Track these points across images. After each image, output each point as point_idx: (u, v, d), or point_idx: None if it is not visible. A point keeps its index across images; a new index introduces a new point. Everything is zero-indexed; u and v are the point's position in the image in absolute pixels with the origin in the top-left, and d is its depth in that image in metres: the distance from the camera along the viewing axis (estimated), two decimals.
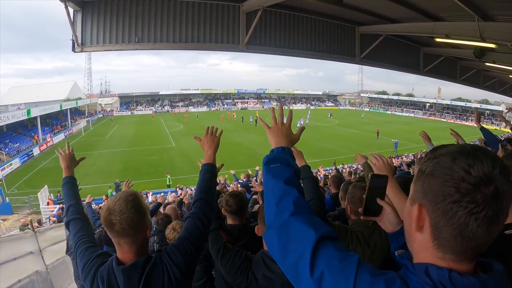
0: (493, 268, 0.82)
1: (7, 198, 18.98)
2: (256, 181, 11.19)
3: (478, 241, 0.78)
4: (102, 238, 4.12)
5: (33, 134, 37.02)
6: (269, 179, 1.18)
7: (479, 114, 4.43)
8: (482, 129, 4.78)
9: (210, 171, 2.07)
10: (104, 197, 16.32)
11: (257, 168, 14.74)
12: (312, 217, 1.03)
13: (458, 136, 4.87)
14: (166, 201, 11.50)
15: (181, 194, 14.19)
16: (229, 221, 2.92)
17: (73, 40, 8.18)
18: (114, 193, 17.60)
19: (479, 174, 0.74)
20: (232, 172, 14.35)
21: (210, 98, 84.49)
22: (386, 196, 1.30)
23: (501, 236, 1.40)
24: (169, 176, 21.08)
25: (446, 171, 0.77)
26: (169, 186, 20.13)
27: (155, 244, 3.99)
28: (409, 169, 9.80)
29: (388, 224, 1.31)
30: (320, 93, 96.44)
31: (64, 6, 7.29)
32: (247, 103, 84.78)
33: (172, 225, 3.38)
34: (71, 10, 7.94)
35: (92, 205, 11.95)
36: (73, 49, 8.30)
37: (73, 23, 8.10)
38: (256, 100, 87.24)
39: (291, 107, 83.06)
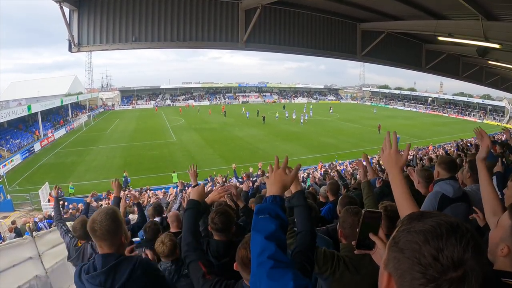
0: None
1: (8, 195, 19.01)
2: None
3: None
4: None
5: (34, 129, 37.03)
6: (254, 231, 1.29)
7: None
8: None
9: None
10: (104, 194, 16.33)
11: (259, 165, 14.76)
12: (287, 271, 1.12)
13: (481, 136, 4.63)
14: (168, 199, 11.49)
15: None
16: (215, 237, 2.92)
17: (69, 40, 8.06)
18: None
19: (447, 262, 0.74)
20: (233, 166, 14.32)
21: (211, 92, 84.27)
22: (380, 229, 1.33)
23: (499, 284, 1.38)
24: (176, 174, 21.00)
25: (415, 254, 0.77)
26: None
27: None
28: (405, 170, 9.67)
29: (380, 259, 1.28)
30: (322, 86, 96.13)
31: (59, 6, 7.14)
32: (248, 96, 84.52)
33: (161, 238, 3.28)
34: (67, 10, 7.81)
35: (93, 203, 11.96)
36: (70, 49, 8.18)
37: (69, 23, 7.97)
38: (257, 94, 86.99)
39: (292, 101, 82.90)
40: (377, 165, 14.39)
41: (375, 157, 21.72)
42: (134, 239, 4.40)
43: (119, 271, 2.07)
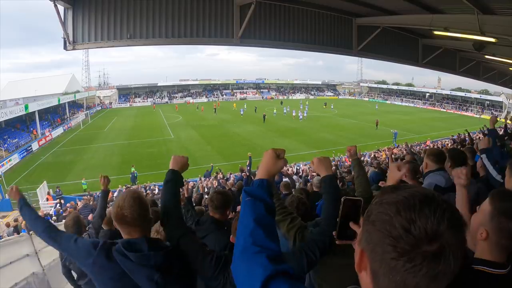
0: None
1: (6, 194, 18.96)
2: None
3: None
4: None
5: (31, 129, 36.92)
6: (241, 214, 1.24)
7: (495, 120, 4.28)
8: (491, 131, 4.42)
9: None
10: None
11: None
12: (271, 255, 1.05)
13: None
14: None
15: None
16: (211, 213, 3.10)
17: (64, 38, 8.03)
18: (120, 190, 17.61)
19: (420, 233, 0.69)
20: (249, 154, 14.52)
21: (209, 89, 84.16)
22: (361, 218, 1.24)
23: (469, 270, 1.42)
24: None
25: (386, 226, 0.73)
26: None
27: None
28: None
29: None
30: (319, 82, 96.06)
31: (53, 4, 7.11)
32: (246, 93, 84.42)
33: (155, 227, 3.28)
34: (61, 8, 7.77)
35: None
36: (65, 47, 8.17)
37: (63, 21, 7.94)
38: (255, 90, 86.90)
39: (290, 97, 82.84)
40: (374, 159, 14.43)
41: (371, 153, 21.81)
42: None
43: (174, 261, 1.91)
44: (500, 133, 9.10)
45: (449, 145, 17.87)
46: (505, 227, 1.38)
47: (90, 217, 5.42)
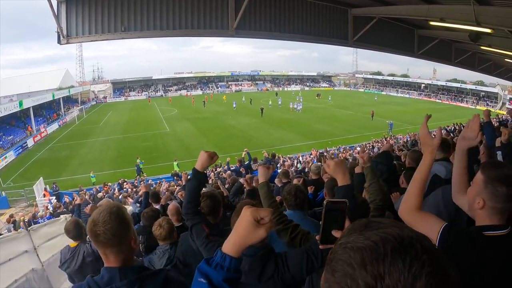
0: None
1: (3, 192, 18.91)
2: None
3: None
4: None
5: (26, 125, 36.61)
6: None
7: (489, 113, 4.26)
8: (487, 125, 4.25)
9: None
10: (98, 187, 16.29)
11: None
12: None
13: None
14: (164, 191, 11.49)
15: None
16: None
17: (58, 32, 7.94)
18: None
19: None
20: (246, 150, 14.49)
21: (204, 81, 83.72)
22: (347, 221, 1.13)
23: (481, 238, 1.48)
24: (176, 162, 20.93)
25: (347, 281, 0.59)
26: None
27: (140, 245, 3.81)
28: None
29: None
30: (315, 74, 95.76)
31: None
32: (241, 85, 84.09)
33: (159, 221, 3.32)
34: (54, 2, 7.68)
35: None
36: (59, 41, 8.08)
37: (57, 15, 7.85)
38: (250, 82, 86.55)
39: (285, 88, 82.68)
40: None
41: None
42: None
43: None
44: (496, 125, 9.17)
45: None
46: (498, 191, 1.48)
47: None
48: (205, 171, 2.38)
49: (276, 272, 1.82)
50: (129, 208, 8.73)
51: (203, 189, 2.54)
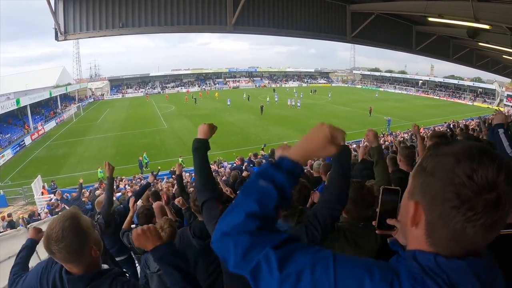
0: (482, 252, 0.80)
1: (1, 190, 18.81)
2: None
3: (473, 245, 0.77)
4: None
5: (23, 123, 36.43)
6: (254, 190, 0.99)
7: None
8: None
9: None
10: (97, 184, 16.25)
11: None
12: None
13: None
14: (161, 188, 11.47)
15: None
16: (200, 218, 2.96)
17: (55, 29, 7.90)
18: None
19: (482, 181, 0.71)
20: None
21: (201, 78, 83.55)
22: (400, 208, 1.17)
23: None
24: (182, 159, 20.86)
25: (447, 174, 0.74)
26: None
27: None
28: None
29: (403, 239, 1.23)
30: (312, 70, 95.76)
31: None
32: (238, 81, 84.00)
33: (160, 224, 3.12)
34: None
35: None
36: (56, 38, 8.05)
37: (55, 11, 7.79)
38: (247, 79, 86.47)
39: (283, 85, 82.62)
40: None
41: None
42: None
43: None
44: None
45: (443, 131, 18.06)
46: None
47: None
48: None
49: (309, 233, 1.80)
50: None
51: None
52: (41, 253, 6.19)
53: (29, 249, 2.51)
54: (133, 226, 4.50)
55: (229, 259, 0.91)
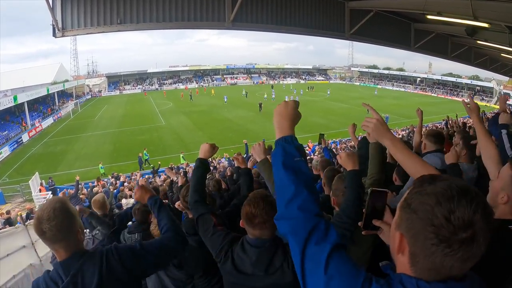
0: (467, 277, 0.89)
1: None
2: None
3: (452, 273, 0.85)
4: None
5: (21, 120, 36.25)
6: (290, 175, 1.13)
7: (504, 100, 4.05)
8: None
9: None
10: (95, 181, 16.20)
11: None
12: (327, 222, 1.06)
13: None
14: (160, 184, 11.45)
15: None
16: (190, 215, 2.94)
17: (53, 25, 7.85)
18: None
19: (459, 222, 0.79)
20: (245, 142, 14.26)
21: (199, 75, 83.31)
22: (387, 210, 1.28)
23: (505, 230, 1.49)
24: (183, 155, 20.88)
25: (428, 215, 0.82)
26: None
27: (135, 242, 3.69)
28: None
29: (387, 239, 1.28)
30: (310, 67, 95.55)
31: None
32: (236, 78, 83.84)
33: (155, 222, 3.17)
34: None
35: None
36: (54, 34, 8.00)
37: (52, 7, 7.74)
38: (245, 75, 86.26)
39: (281, 82, 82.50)
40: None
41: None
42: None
43: (86, 273, 1.67)
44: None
45: (443, 129, 18.07)
46: None
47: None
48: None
49: (286, 262, 1.81)
50: (131, 201, 8.69)
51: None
52: (39, 250, 6.22)
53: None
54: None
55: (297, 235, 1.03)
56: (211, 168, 14.59)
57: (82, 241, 1.78)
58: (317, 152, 17.60)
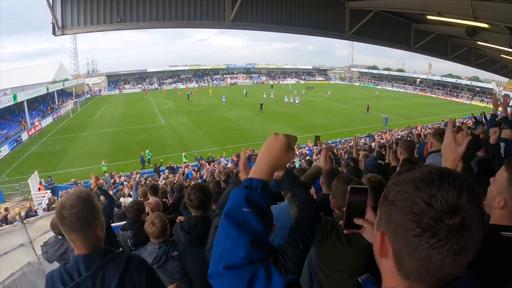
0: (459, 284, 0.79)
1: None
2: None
3: (443, 273, 0.73)
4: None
5: (20, 119, 36.20)
6: (232, 224, 0.98)
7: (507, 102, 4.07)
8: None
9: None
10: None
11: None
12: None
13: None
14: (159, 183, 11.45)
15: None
16: (193, 213, 2.90)
17: (53, 23, 7.84)
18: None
19: (442, 207, 0.68)
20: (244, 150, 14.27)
21: (199, 74, 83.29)
22: (368, 207, 1.24)
23: (497, 237, 1.43)
24: (185, 154, 20.90)
25: (406, 203, 0.72)
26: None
27: (128, 240, 3.56)
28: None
29: (370, 237, 1.23)
30: (310, 67, 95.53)
31: None
32: (236, 78, 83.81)
33: (151, 218, 3.17)
34: None
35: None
36: (54, 33, 8.00)
37: (52, 6, 7.74)
38: (245, 75, 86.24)
39: (281, 82, 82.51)
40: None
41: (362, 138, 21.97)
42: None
43: (108, 273, 1.67)
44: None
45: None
46: None
47: None
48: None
49: (279, 268, 1.77)
50: (129, 200, 8.69)
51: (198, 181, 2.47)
52: (37, 248, 6.19)
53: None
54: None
55: None
56: (211, 168, 14.57)
57: (102, 239, 1.76)
58: (316, 153, 17.62)
